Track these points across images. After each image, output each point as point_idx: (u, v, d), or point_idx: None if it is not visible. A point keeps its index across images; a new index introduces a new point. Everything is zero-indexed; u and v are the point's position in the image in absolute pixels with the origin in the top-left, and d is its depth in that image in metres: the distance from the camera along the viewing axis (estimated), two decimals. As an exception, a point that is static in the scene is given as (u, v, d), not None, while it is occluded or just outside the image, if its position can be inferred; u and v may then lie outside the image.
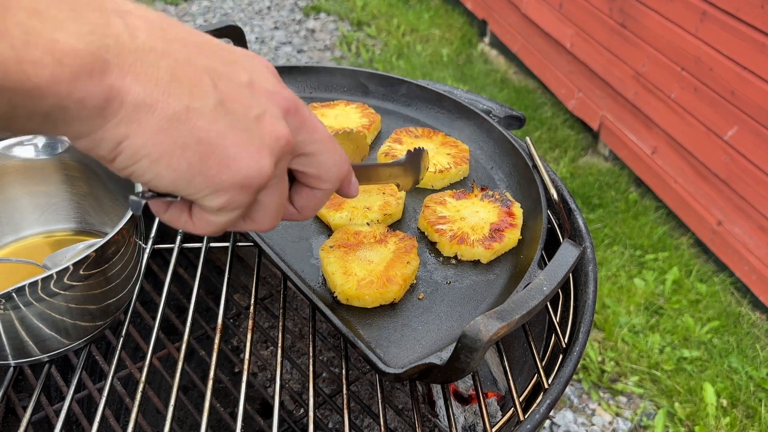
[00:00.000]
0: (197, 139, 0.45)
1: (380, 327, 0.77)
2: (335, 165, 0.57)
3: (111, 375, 0.78)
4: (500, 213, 0.93)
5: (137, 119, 0.42)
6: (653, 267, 2.49)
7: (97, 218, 0.91)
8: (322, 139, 0.55)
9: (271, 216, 0.55)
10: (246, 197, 0.49)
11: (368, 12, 4.56)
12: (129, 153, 0.44)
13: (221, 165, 0.46)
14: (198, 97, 0.44)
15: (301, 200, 0.60)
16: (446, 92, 1.19)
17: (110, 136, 0.43)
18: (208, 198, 0.48)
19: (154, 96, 0.42)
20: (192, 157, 0.45)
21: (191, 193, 0.47)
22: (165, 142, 0.44)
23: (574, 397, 2.05)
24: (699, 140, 2.47)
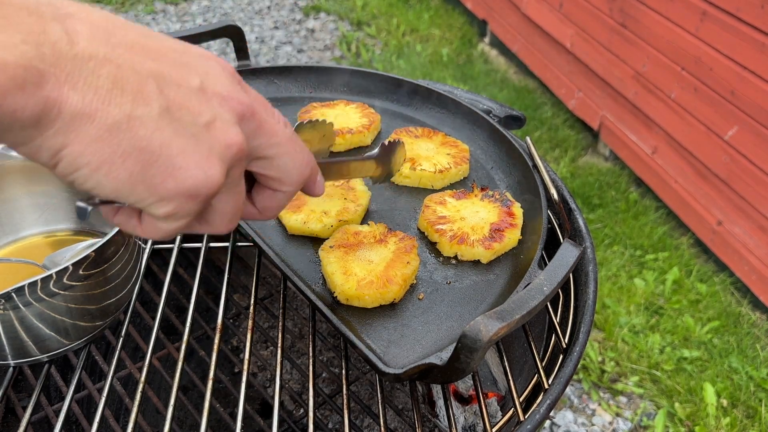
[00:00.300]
0: (139, 147, 0.43)
1: (380, 327, 0.77)
2: (296, 167, 0.56)
3: (111, 375, 0.78)
4: (500, 213, 0.93)
5: (75, 129, 0.41)
6: (653, 267, 2.49)
7: (96, 218, 0.91)
8: (281, 142, 0.53)
9: (227, 219, 0.54)
10: (194, 206, 0.48)
11: (368, 12, 4.56)
12: (68, 161, 0.43)
13: (165, 174, 0.45)
14: (141, 104, 0.43)
15: (262, 201, 0.59)
16: (446, 92, 1.19)
17: (48, 145, 0.42)
18: (153, 206, 0.47)
19: (93, 105, 0.41)
20: (133, 167, 0.44)
21: (135, 201, 0.46)
22: (104, 151, 0.43)
23: (575, 397, 2.05)
24: (699, 140, 2.47)
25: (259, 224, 0.95)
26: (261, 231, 0.93)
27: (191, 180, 0.46)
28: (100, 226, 0.91)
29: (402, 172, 1.03)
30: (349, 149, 1.11)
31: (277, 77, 1.26)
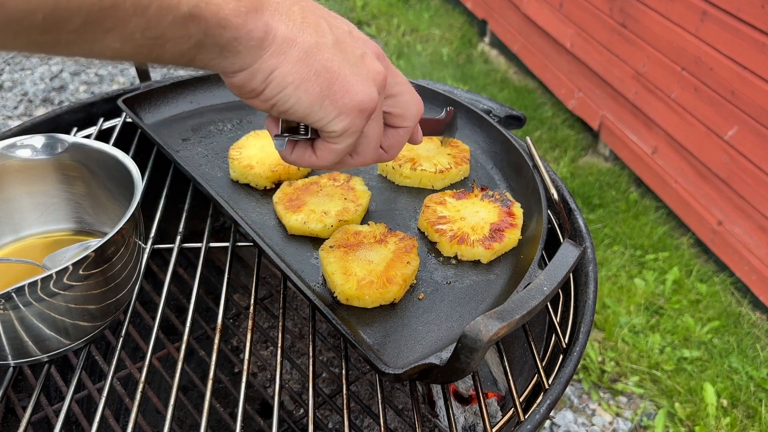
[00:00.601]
0: (325, 67, 0.56)
1: (380, 327, 0.77)
2: (414, 104, 0.69)
3: (111, 375, 0.78)
4: (500, 213, 0.93)
5: (284, 51, 0.54)
6: (653, 267, 2.49)
7: (96, 218, 0.91)
8: (402, 81, 0.67)
9: (373, 148, 0.67)
10: (361, 121, 0.60)
11: (368, 12, 4.56)
12: (277, 82, 0.55)
13: (343, 90, 0.58)
14: (322, 35, 0.56)
15: (387, 141, 0.71)
16: (446, 92, 1.19)
17: (265, 67, 0.54)
18: (333, 122, 0.59)
19: (294, 33, 0.54)
20: (323, 83, 0.56)
21: (322, 116, 0.58)
22: (303, 70, 0.55)
23: (575, 398, 2.05)
24: (699, 140, 2.47)
25: (259, 224, 0.95)
26: (261, 231, 0.93)
27: (361, 95, 0.59)
28: (99, 225, 0.91)
29: (402, 172, 1.03)
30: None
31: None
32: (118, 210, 0.86)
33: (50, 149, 0.85)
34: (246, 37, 0.51)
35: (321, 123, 0.59)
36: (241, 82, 0.55)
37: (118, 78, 3.51)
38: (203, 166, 1.07)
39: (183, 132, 1.15)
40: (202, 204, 1.15)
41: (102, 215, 0.90)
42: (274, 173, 1.01)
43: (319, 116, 0.58)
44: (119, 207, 0.86)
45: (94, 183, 0.87)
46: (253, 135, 1.10)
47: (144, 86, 1.20)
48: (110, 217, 0.89)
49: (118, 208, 0.86)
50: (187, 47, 0.49)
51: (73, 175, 0.87)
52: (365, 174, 1.07)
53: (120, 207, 0.85)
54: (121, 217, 0.72)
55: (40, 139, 0.84)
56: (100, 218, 0.90)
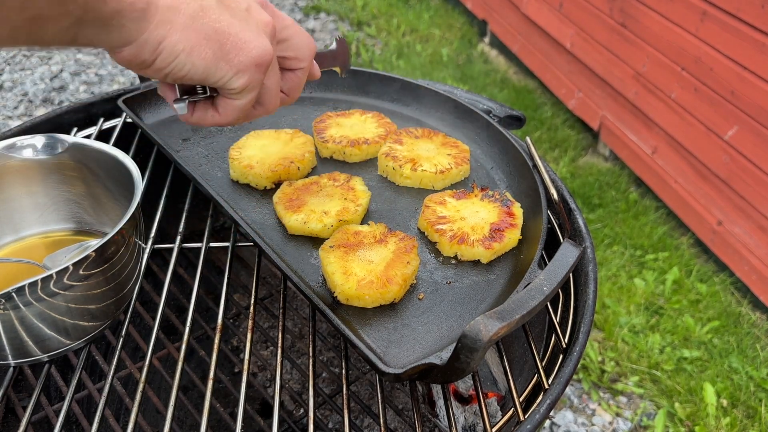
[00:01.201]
0: (214, 29, 0.56)
1: (380, 327, 0.77)
2: (307, 45, 0.70)
3: (111, 375, 0.78)
4: (500, 213, 0.93)
5: (170, 20, 0.53)
6: (653, 267, 2.49)
7: (95, 218, 0.91)
8: (291, 23, 0.67)
9: (274, 96, 0.67)
10: (260, 75, 0.61)
11: (368, 12, 4.56)
12: (168, 51, 0.54)
13: (237, 48, 0.58)
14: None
15: (287, 84, 0.72)
16: (446, 92, 1.19)
17: (152, 39, 0.53)
18: (232, 80, 0.60)
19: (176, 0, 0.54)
20: (214, 45, 0.56)
21: (219, 77, 0.59)
22: (192, 36, 0.55)
23: (574, 397, 2.05)
24: (699, 140, 2.47)
25: (259, 224, 0.95)
26: (261, 231, 0.93)
27: (256, 50, 0.59)
28: (99, 226, 0.91)
29: (403, 173, 1.03)
30: (364, 160, 1.10)
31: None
32: (118, 210, 0.86)
33: (50, 149, 0.85)
34: (129, 9, 0.50)
35: (220, 83, 0.60)
36: (130, 56, 0.54)
37: (119, 78, 3.51)
38: (203, 166, 1.07)
39: (183, 132, 1.15)
40: (202, 204, 1.15)
41: (102, 215, 0.90)
42: (274, 173, 1.01)
43: (216, 77, 0.59)
44: (119, 207, 0.86)
45: (94, 183, 0.87)
46: (253, 135, 1.10)
47: (144, 86, 1.20)
48: (110, 217, 0.89)
49: (118, 208, 0.86)
50: (67, 25, 0.48)
51: (73, 175, 0.87)
52: (365, 174, 1.07)
53: (120, 207, 0.85)
54: (121, 217, 0.72)
55: (41, 139, 0.84)
56: (100, 218, 0.90)
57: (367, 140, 1.09)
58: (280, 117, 1.20)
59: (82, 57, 3.69)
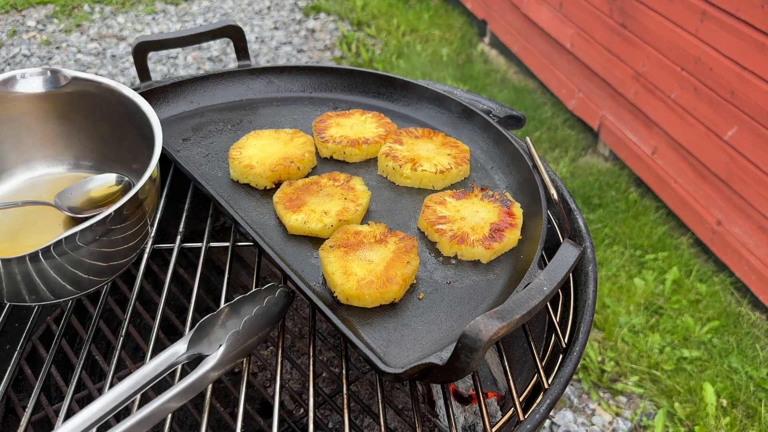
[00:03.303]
0: None
1: (380, 327, 0.77)
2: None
3: (111, 375, 0.78)
4: (500, 213, 0.93)
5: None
6: (653, 267, 2.49)
7: (95, 153, 0.89)
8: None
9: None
10: None
11: (368, 12, 4.56)
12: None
13: None
14: None
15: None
16: (446, 92, 1.19)
17: None
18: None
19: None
20: None
21: None
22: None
23: (574, 397, 2.05)
24: (699, 140, 2.47)
25: (259, 224, 0.95)
26: (261, 231, 0.93)
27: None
28: (99, 162, 0.89)
29: (403, 173, 1.03)
30: (364, 159, 1.10)
31: (277, 77, 1.26)
32: (121, 144, 0.85)
33: (54, 83, 0.81)
34: None
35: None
36: None
37: (119, 78, 3.51)
38: (203, 166, 1.07)
39: (183, 132, 1.15)
40: (202, 204, 1.15)
41: (106, 149, 0.88)
42: (274, 173, 1.01)
43: None
44: (126, 143, 0.84)
45: (95, 119, 0.85)
46: (253, 135, 1.10)
47: (144, 86, 1.20)
48: (115, 152, 0.87)
49: (122, 143, 0.85)
50: None
51: (73, 111, 0.84)
52: (365, 174, 1.07)
53: (123, 143, 0.84)
54: (124, 151, 0.72)
55: (42, 71, 0.81)
56: (101, 153, 0.89)
57: (367, 140, 1.09)
58: (281, 117, 1.20)
59: (82, 57, 3.69)
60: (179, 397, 0.66)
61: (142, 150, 0.80)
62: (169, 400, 0.65)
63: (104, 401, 0.64)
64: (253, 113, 1.20)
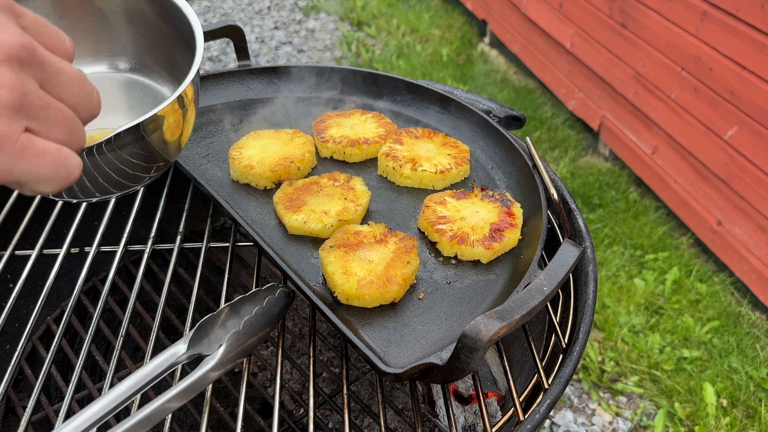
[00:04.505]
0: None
1: (380, 327, 0.77)
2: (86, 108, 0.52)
3: (111, 375, 0.78)
4: (500, 213, 0.93)
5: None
6: (653, 267, 2.49)
7: (133, 55, 0.87)
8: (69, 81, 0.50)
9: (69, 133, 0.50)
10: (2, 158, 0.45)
11: (368, 12, 4.56)
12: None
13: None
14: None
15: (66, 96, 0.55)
16: (446, 92, 1.19)
17: None
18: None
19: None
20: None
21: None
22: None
23: (574, 397, 2.05)
24: (699, 140, 2.47)
25: (259, 224, 0.95)
26: (261, 231, 0.93)
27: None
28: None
29: (403, 173, 1.03)
30: (364, 160, 1.10)
31: (277, 77, 1.26)
32: (161, 51, 0.83)
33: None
34: None
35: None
36: None
37: (118, 78, 3.50)
38: (203, 166, 1.07)
39: (183, 132, 1.15)
40: (202, 204, 1.15)
41: (142, 52, 0.87)
42: (274, 173, 1.01)
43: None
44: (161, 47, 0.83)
45: (132, 18, 0.83)
46: (253, 135, 1.10)
47: (144, 86, 1.20)
48: (154, 58, 0.86)
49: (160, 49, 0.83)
50: None
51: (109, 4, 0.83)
52: (365, 174, 1.07)
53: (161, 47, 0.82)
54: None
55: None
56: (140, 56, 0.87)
57: (367, 140, 1.09)
58: (281, 117, 1.20)
59: (82, 57, 3.68)
60: (179, 397, 0.66)
61: (182, 55, 0.78)
62: (169, 400, 0.65)
63: (104, 401, 0.64)
64: (253, 113, 1.20)
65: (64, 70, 0.49)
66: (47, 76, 0.48)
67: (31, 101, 0.46)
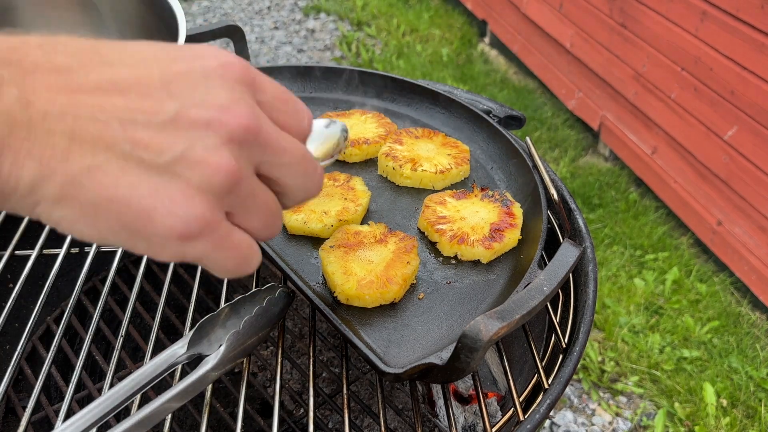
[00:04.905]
0: (105, 197, 0.39)
1: (380, 327, 0.77)
2: (304, 190, 0.50)
3: (111, 375, 0.78)
4: (500, 213, 0.93)
5: (36, 193, 0.39)
6: (653, 267, 2.49)
7: None
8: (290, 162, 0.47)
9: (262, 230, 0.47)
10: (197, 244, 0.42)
11: (368, 12, 4.56)
12: (45, 218, 0.40)
13: (143, 218, 0.40)
14: (101, 151, 0.39)
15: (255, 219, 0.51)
16: (446, 92, 1.19)
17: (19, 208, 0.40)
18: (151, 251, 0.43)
19: (51, 166, 0.38)
20: (107, 216, 0.40)
21: (130, 247, 0.42)
22: (73, 206, 0.39)
23: (574, 397, 2.05)
24: (699, 140, 2.47)
25: (259, 224, 0.95)
26: (261, 231, 0.93)
27: (170, 219, 0.41)
28: None
29: (403, 173, 1.03)
30: (364, 160, 1.10)
31: (277, 77, 1.26)
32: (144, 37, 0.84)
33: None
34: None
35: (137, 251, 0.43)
36: None
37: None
38: (203, 166, 1.06)
39: (183, 132, 1.15)
40: (202, 204, 1.14)
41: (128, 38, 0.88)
42: (274, 173, 1.01)
43: (126, 246, 0.43)
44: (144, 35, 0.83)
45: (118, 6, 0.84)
46: (253, 135, 1.10)
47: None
48: None
49: (143, 36, 0.84)
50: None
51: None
52: (365, 174, 1.07)
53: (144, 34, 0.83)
54: None
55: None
56: None
57: (367, 140, 1.09)
58: (280, 117, 1.20)
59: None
60: (179, 397, 0.66)
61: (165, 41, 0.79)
62: (169, 401, 0.65)
63: (104, 401, 0.64)
64: (253, 113, 1.20)
65: (288, 149, 0.46)
66: (267, 157, 0.45)
67: (242, 188, 0.44)
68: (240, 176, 0.43)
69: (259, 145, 0.44)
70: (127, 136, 0.39)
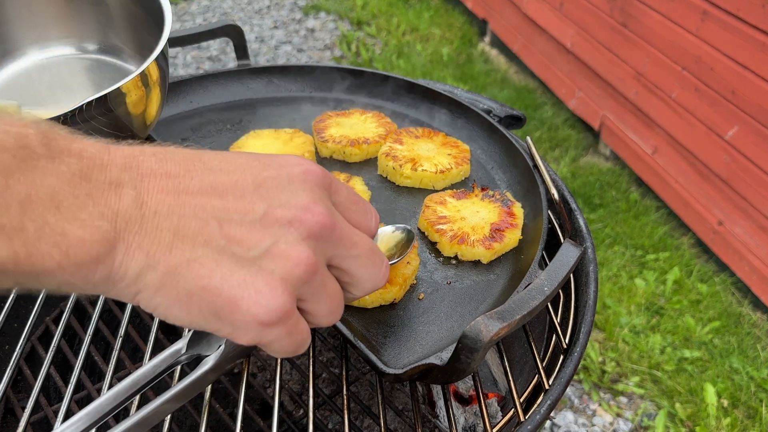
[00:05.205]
0: (200, 286, 0.45)
1: (380, 327, 0.77)
2: (371, 280, 0.55)
3: (110, 375, 0.78)
4: (501, 213, 0.93)
5: (141, 281, 0.44)
6: (654, 267, 2.49)
7: (101, 37, 0.88)
8: (360, 254, 0.53)
9: (324, 317, 0.53)
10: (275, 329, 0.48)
11: (368, 11, 4.56)
12: (144, 303, 0.46)
13: (231, 306, 0.46)
14: (200, 246, 0.45)
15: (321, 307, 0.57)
16: (446, 92, 1.19)
17: (123, 294, 0.45)
18: (234, 335, 0.48)
19: (156, 257, 0.44)
20: (200, 303, 0.46)
21: (216, 330, 0.48)
22: (170, 294, 0.45)
23: (575, 398, 2.05)
24: (700, 140, 2.47)
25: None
26: (261, 231, 0.93)
27: (255, 308, 0.46)
28: None
29: (403, 173, 1.02)
30: (364, 159, 1.10)
31: (277, 77, 1.25)
32: (129, 31, 0.84)
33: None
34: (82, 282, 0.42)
35: (220, 335, 0.49)
36: None
37: (118, 78, 3.50)
38: (203, 166, 1.06)
39: (182, 132, 1.15)
40: (201, 204, 1.14)
41: (110, 34, 0.87)
42: (273, 173, 1.01)
43: (212, 329, 0.48)
44: (129, 28, 0.84)
45: None
46: (253, 135, 1.09)
47: (144, 86, 1.20)
48: (122, 39, 0.87)
49: (128, 30, 0.84)
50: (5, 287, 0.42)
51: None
52: (365, 174, 1.07)
53: (129, 28, 0.84)
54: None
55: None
56: (108, 38, 0.87)
57: (367, 140, 1.09)
58: (280, 117, 1.20)
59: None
60: (178, 397, 0.65)
61: (153, 36, 0.78)
62: (168, 401, 0.65)
63: (103, 401, 0.64)
64: (252, 113, 1.20)
65: (358, 244, 0.52)
66: (340, 250, 0.51)
67: (316, 279, 0.49)
68: (316, 269, 0.48)
69: (333, 240, 0.50)
70: (222, 233, 0.45)
